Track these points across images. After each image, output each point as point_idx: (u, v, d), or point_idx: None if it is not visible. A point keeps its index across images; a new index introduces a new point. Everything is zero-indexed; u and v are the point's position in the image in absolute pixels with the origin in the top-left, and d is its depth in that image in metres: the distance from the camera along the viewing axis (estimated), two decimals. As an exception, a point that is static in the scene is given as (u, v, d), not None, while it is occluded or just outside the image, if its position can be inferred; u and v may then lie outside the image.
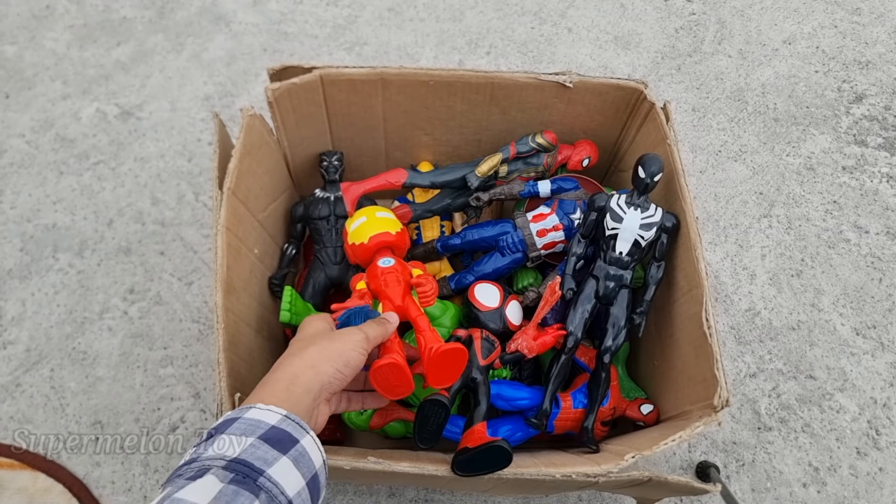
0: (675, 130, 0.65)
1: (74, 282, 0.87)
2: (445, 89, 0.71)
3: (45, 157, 0.96)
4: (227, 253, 0.58)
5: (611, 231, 0.63)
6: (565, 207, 0.69)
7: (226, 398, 0.52)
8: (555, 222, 0.69)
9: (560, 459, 0.58)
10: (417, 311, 0.58)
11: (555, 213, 0.69)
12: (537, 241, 0.69)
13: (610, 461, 0.52)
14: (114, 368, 0.81)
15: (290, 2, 1.13)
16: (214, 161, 0.61)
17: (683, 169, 0.63)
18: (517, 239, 0.69)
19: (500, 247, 0.70)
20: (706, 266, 0.59)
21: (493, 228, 0.71)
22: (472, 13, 1.12)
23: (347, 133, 0.77)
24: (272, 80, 0.68)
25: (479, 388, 0.60)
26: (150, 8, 1.12)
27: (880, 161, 0.98)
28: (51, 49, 1.07)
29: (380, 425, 0.65)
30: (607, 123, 0.74)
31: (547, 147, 0.73)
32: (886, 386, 0.81)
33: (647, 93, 0.67)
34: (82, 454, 0.76)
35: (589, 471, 0.51)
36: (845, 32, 1.10)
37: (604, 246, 0.64)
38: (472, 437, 0.55)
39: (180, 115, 1.00)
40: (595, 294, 0.64)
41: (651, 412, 0.66)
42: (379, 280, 0.61)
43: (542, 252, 0.70)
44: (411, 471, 0.51)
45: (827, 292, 0.87)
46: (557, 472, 0.51)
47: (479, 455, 0.52)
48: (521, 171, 0.74)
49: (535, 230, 0.69)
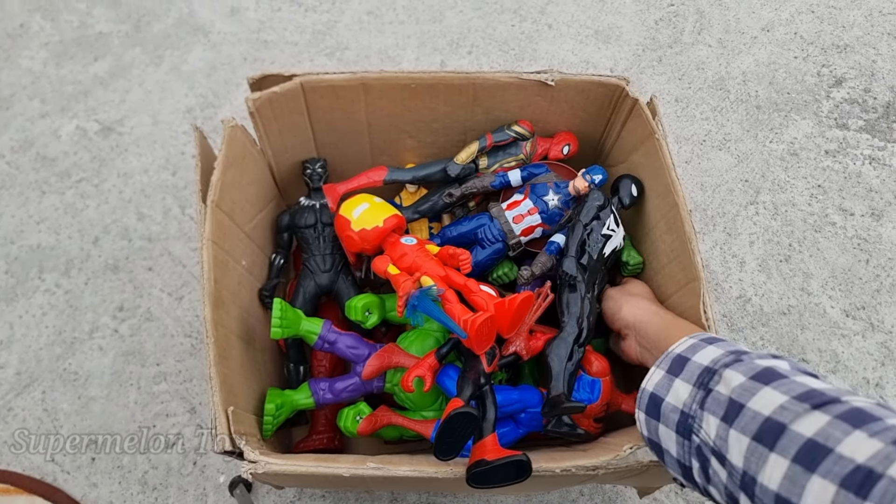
0: (662, 125, 0.65)
1: (62, 302, 0.86)
2: (427, 92, 0.70)
3: (26, 177, 0.95)
4: (214, 266, 0.58)
5: (609, 231, 0.65)
6: (538, 191, 0.70)
7: (220, 412, 0.52)
8: (529, 206, 0.69)
9: (559, 455, 0.57)
10: (463, 278, 0.61)
11: (528, 198, 0.69)
12: (515, 227, 0.69)
13: (609, 453, 0.53)
14: (107, 387, 0.80)
15: (268, 10, 1.13)
16: (197, 174, 0.60)
17: (673, 162, 0.64)
18: (495, 230, 0.70)
19: (479, 239, 0.70)
20: (702, 259, 0.59)
21: (469, 223, 0.71)
22: (451, 13, 1.12)
23: (331, 139, 0.76)
24: (252, 90, 0.67)
25: (487, 396, 0.58)
26: (126, 22, 1.11)
27: (862, 143, 0.99)
28: (27, 68, 1.06)
29: (369, 432, 0.64)
30: (590, 120, 0.74)
31: (524, 135, 0.73)
32: (878, 366, 0.82)
33: (629, 89, 0.68)
34: (79, 476, 0.75)
35: (588, 463, 0.51)
36: (822, 17, 1.11)
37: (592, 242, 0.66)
38: (487, 449, 0.53)
39: (162, 128, 1.00)
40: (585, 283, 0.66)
41: None
42: (411, 257, 0.61)
43: (521, 239, 0.70)
44: (411, 474, 0.51)
45: (815, 276, 0.88)
46: (557, 467, 0.51)
47: (497, 468, 0.50)
48: (502, 161, 0.74)
49: (511, 217, 0.69)
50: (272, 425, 0.61)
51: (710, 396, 0.41)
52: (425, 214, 0.76)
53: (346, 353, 0.64)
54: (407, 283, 0.59)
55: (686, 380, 0.44)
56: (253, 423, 0.59)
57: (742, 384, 0.39)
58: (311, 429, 0.72)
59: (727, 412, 0.39)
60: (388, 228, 0.65)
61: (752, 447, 0.36)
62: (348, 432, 0.63)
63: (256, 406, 0.63)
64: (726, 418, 0.38)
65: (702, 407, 0.41)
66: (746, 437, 0.36)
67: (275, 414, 0.62)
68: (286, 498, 0.74)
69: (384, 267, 0.62)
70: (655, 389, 0.47)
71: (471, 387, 0.56)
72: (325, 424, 0.71)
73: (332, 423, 0.70)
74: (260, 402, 0.63)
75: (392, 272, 0.61)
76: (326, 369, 0.73)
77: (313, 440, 0.70)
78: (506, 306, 0.57)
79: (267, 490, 0.74)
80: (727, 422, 0.38)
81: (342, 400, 0.65)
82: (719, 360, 0.43)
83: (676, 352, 0.48)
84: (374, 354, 0.63)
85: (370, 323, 0.65)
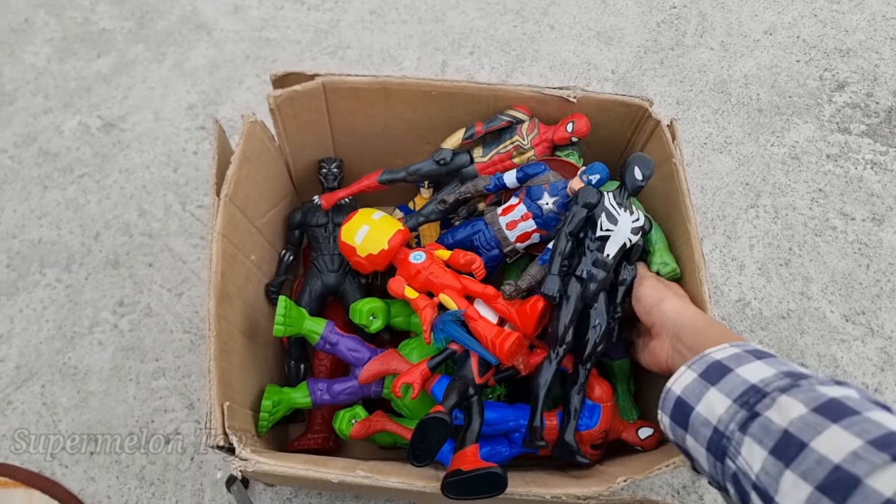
0: (681, 150, 0.63)
1: (63, 297, 0.86)
2: (448, 100, 0.70)
3: (29, 172, 0.96)
4: (223, 260, 0.58)
5: (604, 232, 0.59)
6: (532, 194, 0.65)
7: (216, 406, 0.52)
8: (523, 212, 0.64)
9: (552, 480, 0.57)
10: (480, 286, 0.61)
11: (522, 203, 0.65)
12: (508, 234, 0.66)
13: (601, 483, 0.51)
14: (105, 382, 0.80)
15: (271, 7, 1.13)
16: (213, 168, 0.61)
17: (688, 189, 0.62)
18: (489, 235, 0.66)
19: (476, 247, 0.67)
20: (709, 289, 0.57)
21: (465, 229, 0.68)
22: (454, 13, 1.12)
23: (349, 140, 0.77)
24: (274, 87, 0.67)
25: (473, 406, 0.58)
26: (130, 18, 1.11)
27: (864, 148, 0.98)
28: (31, 63, 1.06)
29: (361, 436, 0.63)
30: (611, 139, 0.72)
31: (518, 118, 0.69)
32: (877, 371, 0.82)
33: (652, 110, 0.66)
34: (77, 470, 0.75)
35: (579, 492, 0.50)
36: (825, 21, 1.11)
37: (591, 246, 0.59)
38: (465, 459, 0.53)
39: (164, 125, 1.00)
40: (581, 297, 0.59)
41: (650, 437, 0.62)
42: (424, 275, 0.61)
43: (517, 245, 0.66)
44: (400, 486, 0.51)
45: (815, 280, 0.88)
46: (547, 493, 0.50)
47: (472, 479, 0.50)
48: (499, 149, 0.70)
49: (505, 223, 0.66)
50: (268, 422, 0.62)
51: (755, 421, 0.36)
52: (429, 218, 0.73)
53: (346, 355, 0.64)
54: (427, 311, 0.59)
55: (725, 393, 0.39)
56: (249, 419, 0.60)
57: (803, 417, 0.34)
58: (306, 427, 0.72)
59: (781, 447, 0.34)
60: (394, 248, 0.63)
61: (816, 499, 0.31)
62: (343, 434, 0.63)
63: (254, 402, 0.63)
64: (780, 454, 0.34)
65: (743, 430, 0.37)
66: (808, 486, 0.31)
67: (271, 410, 0.62)
68: (283, 495, 0.74)
69: (401, 291, 0.61)
70: (684, 394, 0.42)
71: (455, 396, 0.56)
72: (321, 424, 0.71)
73: (328, 423, 0.70)
74: (258, 398, 0.64)
75: (410, 296, 0.61)
76: (327, 369, 0.73)
77: (308, 439, 0.70)
78: (528, 312, 0.58)
79: (264, 487, 0.74)
80: (781, 459, 0.33)
81: (339, 402, 0.65)
82: (771, 382, 0.38)
83: (716, 357, 0.42)
84: (372, 359, 0.63)
85: (374, 327, 0.65)
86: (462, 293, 0.60)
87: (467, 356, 0.60)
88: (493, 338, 0.57)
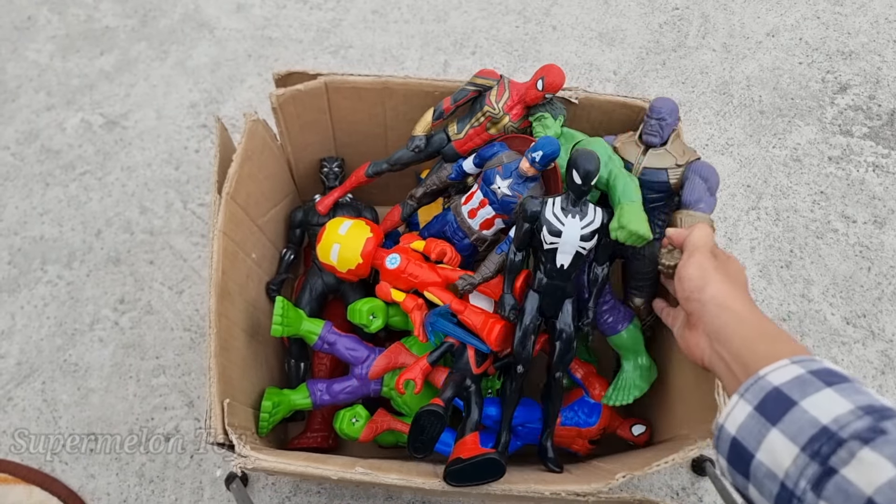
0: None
1: (64, 293, 0.86)
2: None
3: (31, 169, 0.96)
4: (224, 258, 0.58)
5: (549, 246, 0.55)
6: (486, 179, 0.61)
7: (215, 403, 0.52)
8: (480, 198, 0.62)
9: (551, 476, 0.57)
10: (459, 272, 0.61)
11: (479, 189, 0.62)
12: (471, 223, 0.63)
13: (600, 480, 0.52)
14: (106, 379, 0.81)
15: (273, 6, 1.13)
16: (215, 166, 0.61)
17: None
18: (456, 226, 0.65)
19: (448, 237, 0.65)
20: None
21: (437, 223, 0.67)
22: (456, 13, 1.12)
23: (351, 140, 0.77)
24: (277, 86, 0.68)
25: (472, 397, 0.59)
26: (133, 16, 1.11)
27: (866, 150, 0.98)
28: (33, 60, 1.06)
29: (370, 437, 0.64)
30: None
31: (485, 84, 0.65)
32: (878, 374, 0.82)
33: None
34: (77, 466, 0.76)
35: (578, 489, 0.51)
36: (828, 23, 1.11)
37: (542, 258, 0.56)
38: (465, 447, 0.54)
39: (166, 122, 1.00)
40: (539, 310, 0.58)
41: (642, 433, 0.65)
42: (403, 277, 0.61)
43: (483, 233, 0.64)
44: (399, 482, 0.51)
45: (816, 282, 0.88)
46: (546, 490, 0.51)
47: (471, 466, 0.51)
48: (472, 122, 0.66)
49: (466, 212, 0.63)
50: (268, 423, 0.62)
51: (831, 481, 0.29)
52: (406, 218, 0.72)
53: (344, 354, 0.64)
54: (416, 313, 0.60)
55: (789, 436, 0.32)
56: (249, 416, 0.60)
57: (892, 483, 0.27)
58: (306, 426, 0.72)
59: None
60: (368, 258, 0.63)
61: None
62: (344, 434, 0.64)
63: (255, 399, 0.63)
64: None
65: (816, 491, 0.30)
66: None
67: (271, 412, 0.62)
68: (282, 493, 0.74)
69: (389, 295, 0.63)
70: (740, 435, 0.34)
71: (452, 388, 0.57)
72: (320, 423, 0.71)
73: (327, 422, 0.70)
74: (259, 396, 0.64)
75: (398, 298, 0.62)
76: (327, 368, 0.73)
77: (308, 438, 0.70)
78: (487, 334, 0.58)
79: (263, 485, 0.75)
80: None
81: (339, 401, 0.65)
82: (847, 424, 0.30)
83: (773, 382, 0.34)
84: (381, 354, 0.64)
85: (374, 327, 0.65)
86: (444, 285, 0.61)
87: (464, 348, 0.61)
88: (481, 327, 0.58)
